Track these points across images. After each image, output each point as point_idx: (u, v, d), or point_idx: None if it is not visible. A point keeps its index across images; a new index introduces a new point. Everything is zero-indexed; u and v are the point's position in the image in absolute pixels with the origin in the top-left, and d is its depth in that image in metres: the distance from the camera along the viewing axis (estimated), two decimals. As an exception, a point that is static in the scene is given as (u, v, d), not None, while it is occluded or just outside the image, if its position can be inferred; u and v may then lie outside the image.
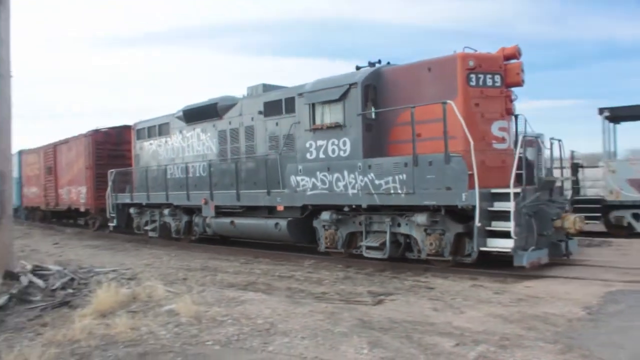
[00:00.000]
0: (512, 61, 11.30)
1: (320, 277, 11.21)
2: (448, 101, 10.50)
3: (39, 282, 10.06)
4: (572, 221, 10.70)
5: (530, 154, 11.52)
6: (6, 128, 11.25)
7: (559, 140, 12.36)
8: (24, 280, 10.26)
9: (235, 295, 8.68)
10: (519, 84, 11.32)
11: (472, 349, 5.85)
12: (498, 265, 11.01)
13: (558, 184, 12.26)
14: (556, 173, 12.73)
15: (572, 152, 18.58)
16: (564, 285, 9.28)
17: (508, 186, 9.92)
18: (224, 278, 11.08)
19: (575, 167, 18.41)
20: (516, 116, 11.87)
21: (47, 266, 11.86)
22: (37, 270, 11.24)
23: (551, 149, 12.18)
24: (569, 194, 12.19)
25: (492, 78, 11.06)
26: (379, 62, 12.69)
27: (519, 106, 12.51)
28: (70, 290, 9.64)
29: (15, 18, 11.36)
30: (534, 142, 11.76)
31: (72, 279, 10.39)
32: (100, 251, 17.12)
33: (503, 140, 11.11)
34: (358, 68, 12.74)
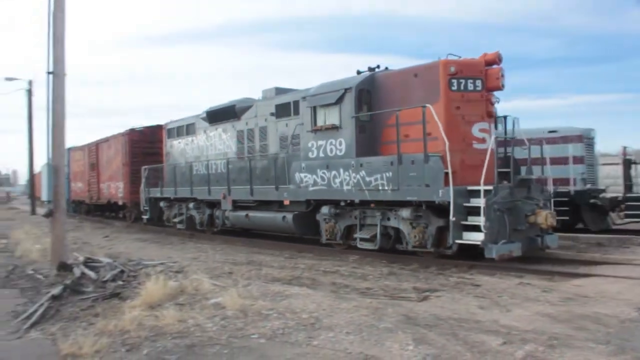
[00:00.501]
0: (493, 66, 11.93)
1: (364, 272, 11.21)
2: (427, 105, 11.36)
3: (91, 274, 10.37)
4: (544, 217, 11.30)
5: (517, 153, 12.47)
6: (60, 125, 11.63)
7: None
8: (77, 272, 10.59)
9: (280, 290, 8.75)
10: (499, 88, 11.99)
11: (519, 348, 5.75)
12: (545, 262, 10.86)
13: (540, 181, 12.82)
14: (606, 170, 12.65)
15: (624, 147, 18.03)
16: (615, 285, 9.05)
17: (485, 184, 10.70)
18: (268, 272, 11.18)
19: (628, 164, 17.87)
20: (505, 117, 12.83)
21: (98, 258, 12.21)
22: (88, 262, 11.59)
23: (529, 148, 12.76)
24: (550, 190, 12.97)
25: (473, 83, 11.82)
26: (378, 67, 13.56)
27: (565, 101, 12.46)
28: (120, 282, 9.87)
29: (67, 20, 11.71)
30: (517, 142, 12.60)
31: (122, 271, 10.65)
32: (148, 245, 17.51)
33: (483, 140, 11.74)
34: (359, 72, 13.69)
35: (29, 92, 40.32)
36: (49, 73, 11.65)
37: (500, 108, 12.74)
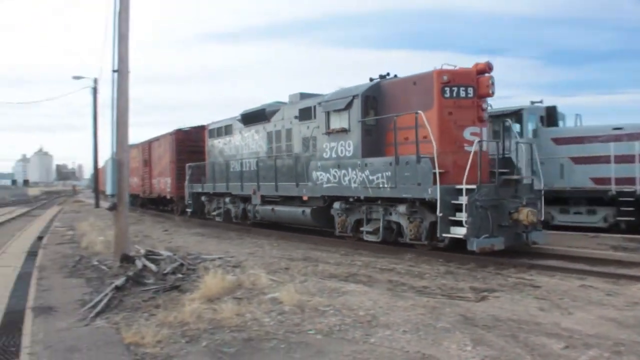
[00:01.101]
0: (484, 75, 12.82)
1: (421, 270, 11.12)
2: (419, 112, 12.47)
3: (152, 266, 10.65)
4: (525, 214, 12.09)
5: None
6: (124, 121, 11.98)
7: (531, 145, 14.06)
8: (139, 264, 10.89)
9: (337, 286, 8.77)
10: (489, 94, 12.89)
11: (582, 353, 5.59)
12: (610, 264, 10.54)
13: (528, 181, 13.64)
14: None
15: None
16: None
17: (470, 183, 11.71)
18: (325, 269, 11.22)
19: None
20: (503, 121, 14.04)
21: (158, 251, 12.53)
22: (149, 255, 11.91)
23: (517, 149, 14.21)
24: (542, 188, 13.83)
25: (465, 90, 12.77)
26: (388, 74, 14.65)
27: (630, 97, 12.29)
28: (180, 275, 10.10)
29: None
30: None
31: (182, 265, 10.89)
32: (206, 239, 17.85)
33: (482, 143, 12.50)
34: (372, 79, 14.77)
35: (94, 90, 41.75)
36: (114, 71, 12.02)
37: (566, 105, 12.70)
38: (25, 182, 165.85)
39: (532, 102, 19.04)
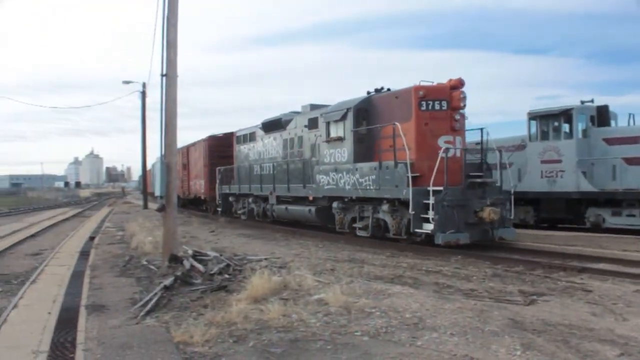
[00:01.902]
0: (457, 90, 14.35)
1: (468, 273, 10.98)
2: (396, 123, 14.28)
3: (199, 267, 10.81)
4: (487, 213, 13.48)
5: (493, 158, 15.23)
6: (172, 124, 12.21)
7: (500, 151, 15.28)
8: (187, 264, 11.08)
9: (383, 288, 8.72)
10: (460, 107, 14.48)
11: (639, 361, 5.42)
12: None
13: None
14: None
15: None
16: None
17: (439, 185, 13.33)
18: (370, 270, 11.18)
19: None
20: (482, 129, 15.17)
21: (205, 252, 12.72)
22: (197, 256, 12.09)
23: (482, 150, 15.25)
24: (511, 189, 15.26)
25: (440, 103, 14.41)
26: (382, 89, 16.27)
27: None
28: (227, 276, 10.23)
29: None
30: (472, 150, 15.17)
31: (228, 265, 11.02)
32: (251, 240, 18.01)
33: (447, 150, 13.84)
34: (369, 93, 16.60)
35: (143, 94, 42.67)
36: (162, 75, 12.27)
37: (619, 105, 12.48)
38: (77, 184, 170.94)
39: (582, 102, 18.58)
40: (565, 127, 18.58)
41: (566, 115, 18.27)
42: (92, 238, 19.94)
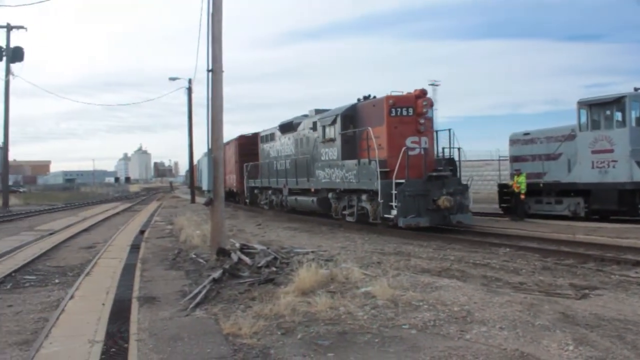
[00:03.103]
0: (420, 98, 17.22)
1: (516, 266, 10.81)
2: (368, 127, 17.52)
3: (247, 260, 10.93)
4: (442, 201, 16.12)
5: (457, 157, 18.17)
6: (219, 119, 12.36)
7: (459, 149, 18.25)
8: (234, 257, 11.22)
9: (430, 281, 8.65)
10: (424, 113, 17.27)
11: (701, 358, 5.22)
12: None
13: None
14: None
15: None
16: None
17: (400, 178, 16.15)
18: (417, 263, 11.12)
19: None
20: (449, 130, 18.26)
21: (252, 245, 12.83)
22: (244, 249, 12.22)
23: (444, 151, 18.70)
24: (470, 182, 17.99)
25: (407, 110, 17.23)
26: (369, 96, 19.25)
27: None
28: (274, 269, 10.30)
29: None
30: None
31: (275, 258, 11.10)
32: (298, 233, 18.13)
33: (414, 149, 16.84)
34: (359, 100, 19.68)
35: (189, 90, 43.37)
36: (208, 71, 12.43)
37: None
38: (127, 179, 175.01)
39: (636, 89, 17.97)
40: (618, 116, 18.03)
41: (619, 103, 17.73)
42: (142, 232, 20.41)
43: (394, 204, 15.94)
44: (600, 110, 18.32)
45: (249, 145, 31.32)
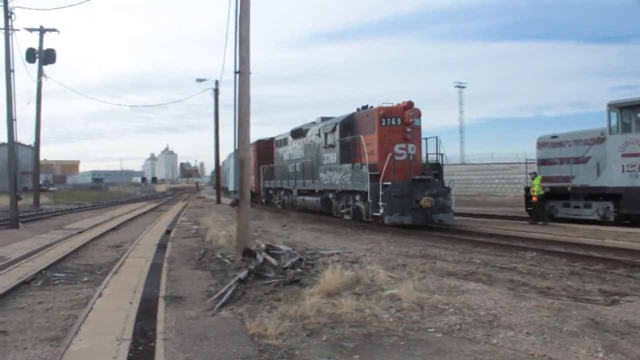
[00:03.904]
0: (408, 110, 19.01)
1: (544, 270, 10.68)
2: (360, 135, 19.70)
3: (272, 261, 10.96)
4: (424, 201, 17.88)
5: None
6: (246, 121, 12.44)
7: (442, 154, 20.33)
8: (260, 258, 11.26)
9: (456, 284, 8.59)
10: (410, 123, 19.07)
11: None
12: None
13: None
14: None
15: None
16: None
17: (387, 181, 17.99)
18: (443, 266, 11.04)
19: None
20: (436, 137, 20.23)
21: (278, 246, 12.87)
22: (269, 250, 12.26)
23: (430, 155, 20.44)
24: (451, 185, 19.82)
25: (395, 120, 19.13)
26: (366, 106, 21.05)
27: None
28: (299, 270, 10.33)
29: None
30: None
31: (300, 259, 11.13)
32: (323, 234, 18.13)
33: (401, 155, 18.79)
34: (358, 109, 21.57)
35: (216, 91, 43.68)
36: (235, 72, 12.51)
37: None
38: (154, 180, 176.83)
39: (669, 92, 17.62)
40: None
41: (649, 105, 17.39)
42: (168, 231, 20.63)
43: (380, 203, 17.78)
44: (632, 112, 17.98)
45: (265, 149, 33.00)
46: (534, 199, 19.89)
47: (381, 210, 17.76)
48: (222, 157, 48.50)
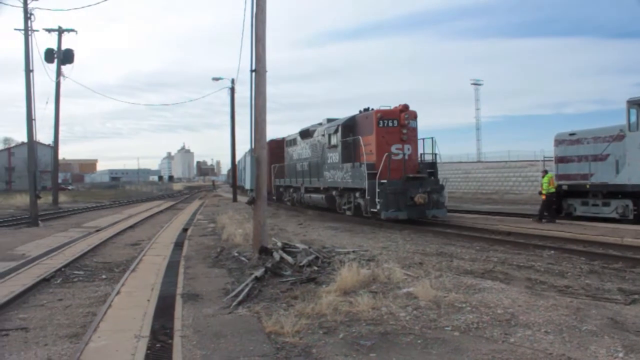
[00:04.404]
0: (403, 112, 20.44)
1: (562, 269, 10.60)
2: (359, 136, 21.39)
3: (289, 259, 10.98)
4: (417, 198, 19.03)
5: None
6: (262, 119, 12.45)
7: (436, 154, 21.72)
8: (276, 256, 11.29)
9: (473, 283, 8.54)
10: (405, 125, 20.48)
11: None
12: None
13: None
14: None
15: None
16: None
17: (383, 179, 19.31)
18: (459, 264, 11.00)
19: None
20: (432, 138, 21.74)
21: (294, 244, 12.89)
22: (286, 248, 12.28)
23: (428, 155, 22.00)
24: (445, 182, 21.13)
25: (392, 122, 20.53)
26: (368, 109, 22.30)
27: None
28: (315, 268, 10.33)
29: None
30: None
31: (317, 258, 11.12)
32: (339, 233, 18.13)
33: (397, 154, 20.14)
34: (360, 111, 22.72)
35: (232, 90, 43.82)
36: (252, 71, 12.53)
37: None
38: (170, 178, 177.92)
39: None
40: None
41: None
42: (185, 230, 20.74)
43: (377, 200, 19.05)
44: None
45: (277, 149, 33.98)
46: (543, 197, 19.77)
47: (378, 206, 19.07)
48: (238, 155, 48.72)
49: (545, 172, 20.43)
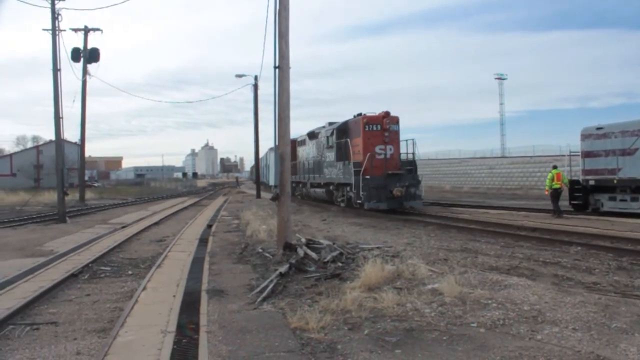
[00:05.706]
0: (385, 118, 23.93)
1: (589, 265, 10.45)
2: (347, 139, 25.29)
3: (313, 255, 10.98)
4: (395, 191, 22.43)
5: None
6: (286, 115, 12.46)
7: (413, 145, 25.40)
8: (300, 252, 11.29)
9: (499, 279, 8.46)
10: (387, 129, 23.96)
11: None
12: None
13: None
14: None
15: None
16: None
17: (366, 175, 22.78)
18: (484, 261, 10.90)
19: None
20: (413, 140, 25.41)
21: (318, 240, 12.89)
22: (310, 244, 12.28)
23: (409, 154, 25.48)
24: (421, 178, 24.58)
25: (376, 126, 24.04)
26: (360, 113, 25.07)
27: None
28: (340, 264, 10.32)
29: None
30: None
31: (341, 254, 11.11)
32: (363, 229, 18.10)
33: (381, 154, 23.67)
34: (354, 116, 25.70)
35: (255, 87, 43.99)
36: (275, 67, 12.55)
37: None
38: (194, 175, 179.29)
39: None
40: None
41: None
42: (209, 226, 20.88)
43: (361, 193, 22.29)
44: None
45: (292, 147, 34.71)
46: (546, 192, 19.94)
47: (362, 198, 22.42)
48: (261, 152, 48.91)
49: (555, 167, 20.40)
